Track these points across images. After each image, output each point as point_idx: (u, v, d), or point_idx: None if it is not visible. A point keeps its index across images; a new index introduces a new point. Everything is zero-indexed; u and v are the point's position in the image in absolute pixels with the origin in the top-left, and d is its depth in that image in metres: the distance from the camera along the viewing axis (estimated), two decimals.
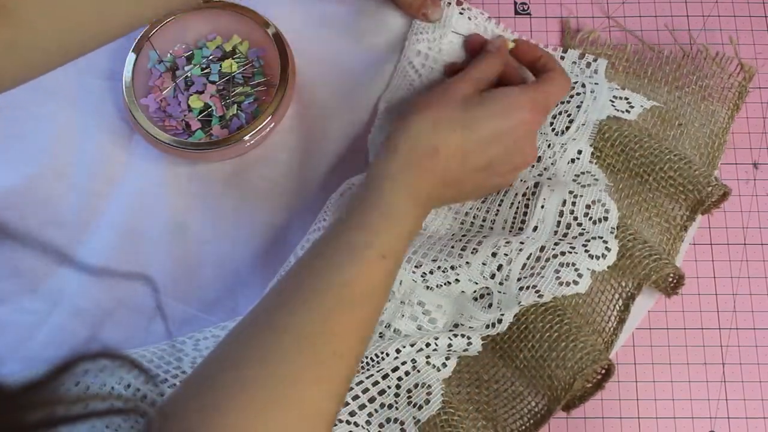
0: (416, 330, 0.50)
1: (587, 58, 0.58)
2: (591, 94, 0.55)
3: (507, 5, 0.62)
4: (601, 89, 0.55)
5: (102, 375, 0.48)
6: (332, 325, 0.41)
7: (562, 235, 0.52)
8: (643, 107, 0.56)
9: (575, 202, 0.52)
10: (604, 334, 0.52)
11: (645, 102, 0.56)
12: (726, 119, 0.57)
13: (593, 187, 0.52)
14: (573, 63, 0.58)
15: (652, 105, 0.56)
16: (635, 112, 0.55)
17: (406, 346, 0.49)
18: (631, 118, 0.55)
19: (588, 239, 0.50)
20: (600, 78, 0.57)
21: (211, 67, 0.58)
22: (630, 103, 0.56)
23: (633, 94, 0.56)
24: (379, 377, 0.49)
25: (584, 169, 0.54)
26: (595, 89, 0.55)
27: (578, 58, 0.58)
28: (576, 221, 0.52)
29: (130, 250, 0.56)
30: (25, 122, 0.58)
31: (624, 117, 0.55)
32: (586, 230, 0.51)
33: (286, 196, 0.58)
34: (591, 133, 0.55)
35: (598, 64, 0.58)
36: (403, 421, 0.48)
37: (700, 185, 0.52)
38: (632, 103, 0.56)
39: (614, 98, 0.56)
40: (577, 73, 0.58)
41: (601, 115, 0.55)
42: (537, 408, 0.50)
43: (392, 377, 0.49)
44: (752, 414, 0.52)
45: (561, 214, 0.52)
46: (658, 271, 0.49)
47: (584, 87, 0.55)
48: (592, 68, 0.58)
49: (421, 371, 0.49)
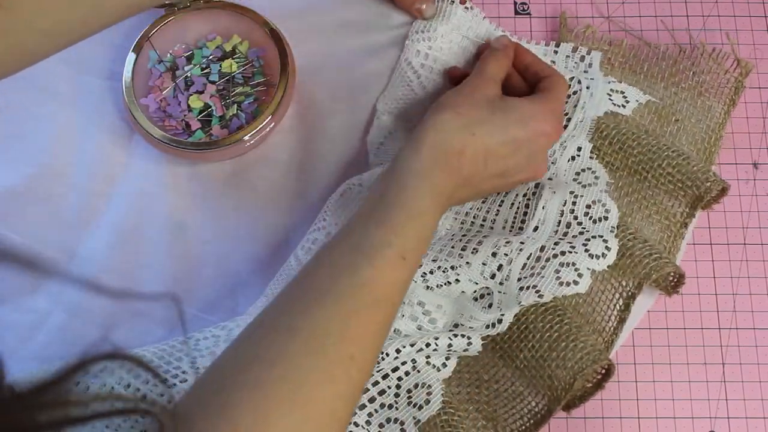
0: (416, 330, 0.50)
1: (580, 51, 0.58)
2: (587, 90, 0.55)
3: (507, 5, 0.62)
4: (596, 84, 0.55)
5: (102, 375, 0.48)
6: (347, 327, 0.40)
7: (562, 234, 0.52)
8: (639, 102, 0.56)
9: (575, 202, 0.52)
10: (605, 333, 0.52)
11: (641, 96, 0.56)
12: (722, 114, 0.57)
13: (594, 188, 0.52)
14: (566, 57, 0.58)
15: (648, 100, 0.56)
16: (630, 107, 0.55)
17: (406, 346, 0.49)
18: (627, 113, 0.55)
19: (588, 238, 0.50)
20: (595, 72, 0.57)
21: (211, 67, 0.58)
22: (626, 97, 0.56)
23: (629, 88, 0.56)
24: (379, 377, 0.49)
25: (585, 165, 0.54)
26: (590, 84, 0.55)
27: (571, 51, 0.58)
28: (576, 220, 0.52)
29: (130, 250, 0.56)
30: (25, 122, 0.58)
31: (620, 112, 0.55)
32: (587, 229, 0.51)
33: (286, 196, 0.58)
34: (589, 128, 0.55)
35: (592, 58, 0.57)
36: (403, 421, 0.48)
37: (699, 181, 0.52)
38: (628, 98, 0.56)
39: (611, 92, 0.56)
40: (571, 67, 0.58)
41: (599, 110, 0.55)
42: (537, 408, 0.50)
43: (392, 377, 0.49)
44: (752, 414, 0.52)
45: (561, 213, 0.52)
46: (659, 270, 0.49)
47: (580, 83, 0.55)
48: (586, 62, 0.57)
49: (421, 371, 0.49)
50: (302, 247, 0.54)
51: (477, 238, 0.51)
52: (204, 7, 0.59)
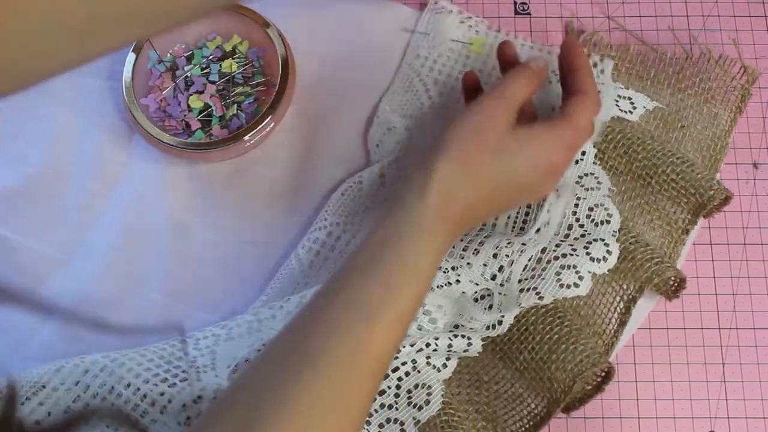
0: (416, 330, 0.50)
1: (593, 58, 0.58)
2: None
3: (507, 5, 0.62)
4: (606, 90, 0.55)
5: (101, 374, 0.49)
6: (341, 394, 0.37)
7: (563, 236, 0.52)
8: (646, 108, 0.56)
9: (578, 204, 0.52)
10: (605, 336, 0.52)
11: (648, 103, 0.56)
12: (728, 122, 0.57)
13: (596, 191, 0.52)
14: None
15: (655, 106, 0.56)
16: (638, 113, 0.55)
17: (406, 346, 0.49)
18: (634, 119, 0.55)
19: (590, 241, 0.50)
20: (606, 78, 0.57)
21: (211, 67, 0.58)
22: (633, 103, 0.56)
23: (636, 94, 0.56)
24: None
25: (588, 170, 0.54)
26: (601, 89, 0.55)
27: None
28: (578, 223, 0.52)
29: (130, 250, 0.56)
30: (25, 122, 0.58)
31: (627, 117, 0.55)
32: (588, 232, 0.51)
33: (286, 196, 0.58)
34: (595, 134, 0.54)
35: (605, 65, 0.57)
36: (403, 421, 0.48)
37: (702, 189, 0.52)
38: (635, 104, 0.56)
39: (618, 97, 0.56)
40: None
41: (606, 116, 0.55)
42: (537, 410, 0.50)
43: (392, 377, 0.49)
44: (752, 414, 0.52)
45: (563, 215, 0.52)
46: (660, 274, 0.49)
47: None
48: (599, 68, 0.57)
49: (421, 372, 0.49)
50: (303, 246, 0.54)
51: (478, 238, 0.51)
52: None
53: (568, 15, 0.61)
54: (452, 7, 0.60)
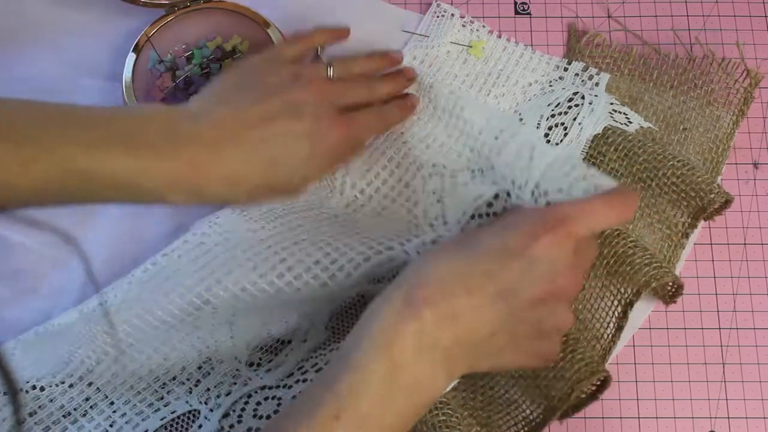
0: None
1: (590, 71, 0.58)
2: (589, 105, 0.55)
3: (507, 5, 0.62)
4: (599, 101, 0.55)
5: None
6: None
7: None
8: (641, 126, 0.56)
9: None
10: (602, 340, 0.52)
11: (643, 122, 0.56)
12: (731, 125, 0.57)
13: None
14: (575, 75, 0.58)
15: (649, 127, 0.56)
16: (633, 127, 0.55)
17: None
18: (631, 130, 0.55)
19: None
20: (600, 91, 0.57)
21: (211, 67, 0.58)
22: (629, 118, 0.56)
23: (632, 113, 0.56)
24: None
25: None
26: (593, 101, 0.55)
27: (582, 70, 0.58)
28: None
29: (129, 251, 0.56)
30: None
31: (623, 128, 0.55)
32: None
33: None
34: (583, 148, 0.54)
35: (600, 78, 0.58)
36: None
37: (703, 192, 0.52)
38: (631, 119, 0.56)
39: (613, 112, 0.56)
40: (578, 84, 0.58)
41: (596, 129, 0.55)
42: (532, 416, 0.48)
43: None
44: (752, 414, 0.52)
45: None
46: (658, 279, 0.49)
47: (583, 99, 0.55)
48: (594, 81, 0.58)
49: None
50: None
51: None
52: (204, 7, 0.59)
53: (569, 15, 0.61)
54: (454, 11, 0.60)
